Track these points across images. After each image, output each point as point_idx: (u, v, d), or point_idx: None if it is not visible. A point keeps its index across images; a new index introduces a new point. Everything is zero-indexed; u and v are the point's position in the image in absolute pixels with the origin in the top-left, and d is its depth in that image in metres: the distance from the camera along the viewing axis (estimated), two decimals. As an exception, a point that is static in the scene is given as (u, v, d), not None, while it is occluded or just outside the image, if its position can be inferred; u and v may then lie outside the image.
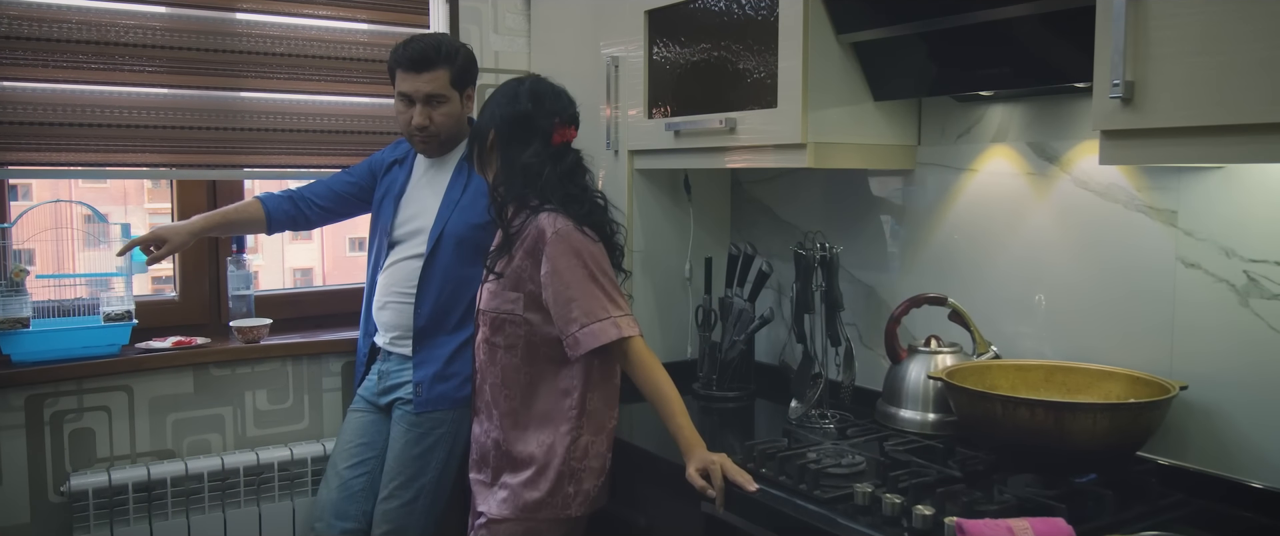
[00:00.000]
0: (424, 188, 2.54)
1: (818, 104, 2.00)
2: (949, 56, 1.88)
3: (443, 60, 2.41)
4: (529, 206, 1.92)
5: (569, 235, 1.88)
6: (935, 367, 1.96)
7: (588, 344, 1.84)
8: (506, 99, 1.97)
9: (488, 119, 1.98)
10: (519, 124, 1.94)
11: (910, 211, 2.23)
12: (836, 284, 2.17)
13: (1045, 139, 1.95)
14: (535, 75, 2.05)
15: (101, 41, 2.46)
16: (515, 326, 1.94)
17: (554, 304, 1.86)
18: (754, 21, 2.10)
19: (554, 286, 1.86)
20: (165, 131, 2.57)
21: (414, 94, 2.40)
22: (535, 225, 1.89)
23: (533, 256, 1.89)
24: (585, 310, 1.85)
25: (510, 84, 2.02)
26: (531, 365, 1.95)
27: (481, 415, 2.03)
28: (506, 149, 1.95)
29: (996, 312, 2.04)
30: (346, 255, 12.84)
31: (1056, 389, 1.84)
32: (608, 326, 1.84)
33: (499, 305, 1.95)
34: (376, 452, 2.51)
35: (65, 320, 2.47)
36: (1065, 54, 1.68)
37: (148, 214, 11.01)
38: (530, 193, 1.92)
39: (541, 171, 1.92)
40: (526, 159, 1.92)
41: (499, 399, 1.97)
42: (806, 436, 2.00)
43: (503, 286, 1.94)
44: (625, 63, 2.50)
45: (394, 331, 2.50)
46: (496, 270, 1.94)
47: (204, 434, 2.57)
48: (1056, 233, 1.94)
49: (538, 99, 1.96)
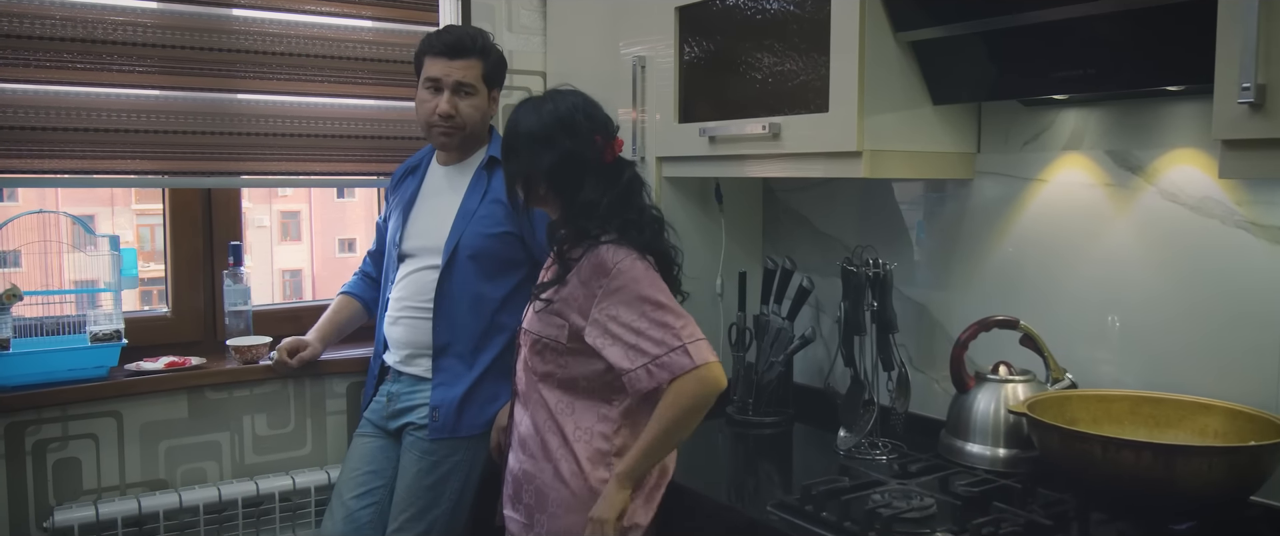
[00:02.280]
0: (436, 197, 2.37)
1: (873, 108, 1.84)
2: (1022, 57, 1.71)
3: (478, 51, 2.29)
4: (589, 236, 1.75)
5: (632, 263, 1.71)
6: (1007, 397, 1.80)
7: (658, 378, 1.66)
8: (540, 144, 1.75)
9: (528, 169, 1.78)
10: (568, 163, 1.75)
11: (967, 224, 2.06)
12: (890, 303, 2.00)
13: (1127, 147, 1.78)
14: (553, 93, 1.83)
15: (89, 39, 2.27)
16: (558, 355, 1.77)
17: (621, 341, 1.68)
18: (801, 18, 1.93)
19: (620, 323, 1.68)
20: (157, 136, 2.39)
21: (444, 79, 2.26)
22: (596, 255, 1.72)
23: (588, 288, 1.72)
24: (658, 339, 1.67)
25: (528, 123, 1.78)
26: (574, 396, 1.79)
27: (517, 447, 1.86)
28: (563, 192, 1.77)
29: (1068, 336, 1.87)
30: (336, 256, 12.70)
31: (1143, 422, 1.68)
32: (675, 357, 1.66)
33: (543, 329, 1.78)
34: (385, 481, 2.34)
35: (49, 340, 2.29)
36: (1165, 54, 1.52)
37: (135, 215, 10.79)
38: (590, 225, 1.75)
39: (601, 202, 1.75)
40: (586, 196, 1.75)
41: (539, 430, 1.80)
42: (864, 472, 1.83)
43: (551, 312, 1.77)
44: (653, 63, 2.33)
45: (406, 349, 2.33)
46: (546, 298, 1.77)
47: (199, 462, 2.38)
48: (1139, 249, 1.77)
49: (572, 129, 1.76)
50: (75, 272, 2.37)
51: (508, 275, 2.31)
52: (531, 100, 1.83)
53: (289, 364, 2.38)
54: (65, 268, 2.37)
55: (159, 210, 2.60)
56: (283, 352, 2.38)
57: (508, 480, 1.90)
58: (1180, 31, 1.45)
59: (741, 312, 2.37)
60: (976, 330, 1.84)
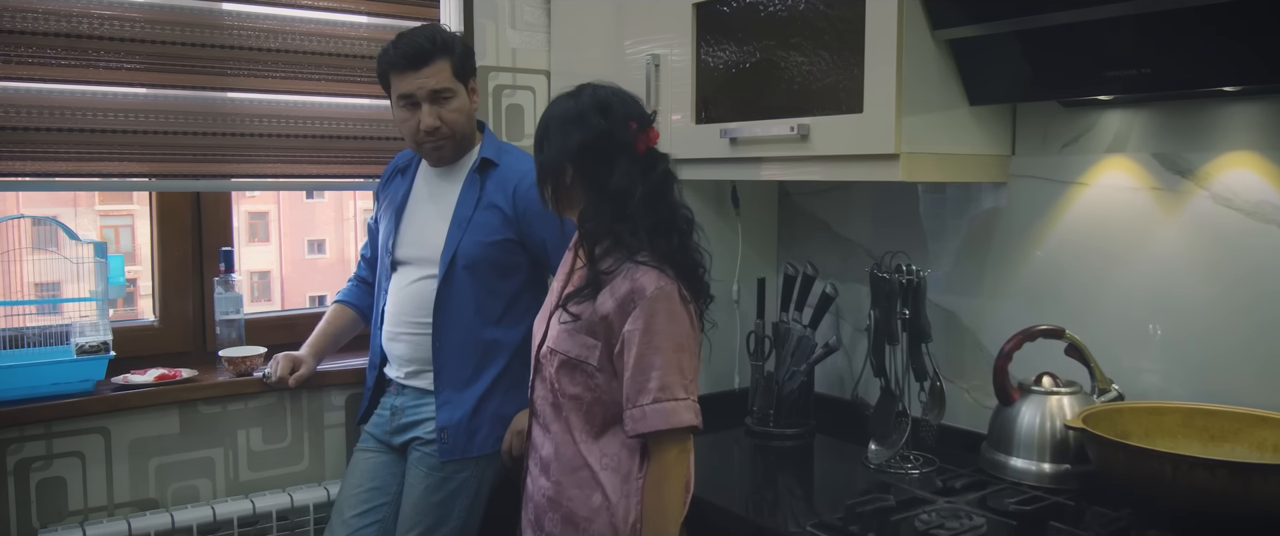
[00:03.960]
0: (429, 202, 2.26)
1: (911, 109, 1.76)
2: (1070, 56, 1.64)
3: (441, 50, 2.13)
4: (623, 247, 1.64)
5: (671, 297, 1.60)
6: (1052, 410, 1.73)
7: (655, 422, 1.58)
8: (572, 123, 1.66)
9: (557, 153, 1.67)
10: (598, 146, 1.65)
11: (1001, 229, 1.99)
12: (924, 312, 1.93)
13: (1176, 150, 1.72)
14: (585, 85, 1.74)
15: (72, 34, 2.15)
16: (589, 376, 1.66)
17: (633, 366, 1.59)
18: (831, 16, 1.86)
19: (640, 346, 1.58)
20: (144, 137, 2.26)
21: (418, 93, 2.12)
22: (634, 278, 1.60)
23: (623, 309, 1.61)
24: (663, 384, 1.58)
25: (563, 106, 1.70)
26: (603, 420, 1.68)
27: (537, 471, 1.75)
28: (592, 178, 1.66)
29: (1111, 345, 1.81)
30: (305, 257, 12.49)
31: (1197, 434, 1.62)
32: (681, 409, 1.58)
33: (571, 348, 1.66)
34: (389, 498, 2.23)
35: (31, 353, 2.16)
36: (1224, 53, 1.46)
37: (99, 216, 10.57)
38: (621, 226, 1.63)
39: (634, 192, 1.64)
40: (616, 183, 1.64)
41: (563, 455, 1.70)
42: (907, 489, 1.75)
43: (578, 328, 1.65)
44: (668, 62, 2.24)
45: (410, 365, 2.22)
46: (573, 312, 1.66)
47: (192, 479, 2.26)
48: (1189, 256, 1.71)
49: (606, 110, 1.66)
50: (38, 277, 2.23)
51: (508, 281, 2.21)
52: (562, 96, 1.74)
53: (286, 381, 2.27)
54: (26, 273, 2.24)
55: (127, 211, 2.48)
56: (283, 370, 2.27)
57: (528, 505, 1.78)
58: (1241, 30, 1.39)
59: (760, 320, 2.29)
60: (1021, 340, 1.77)
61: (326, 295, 9.38)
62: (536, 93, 2.70)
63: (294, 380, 2.27)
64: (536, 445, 1.76)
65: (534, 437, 1.77)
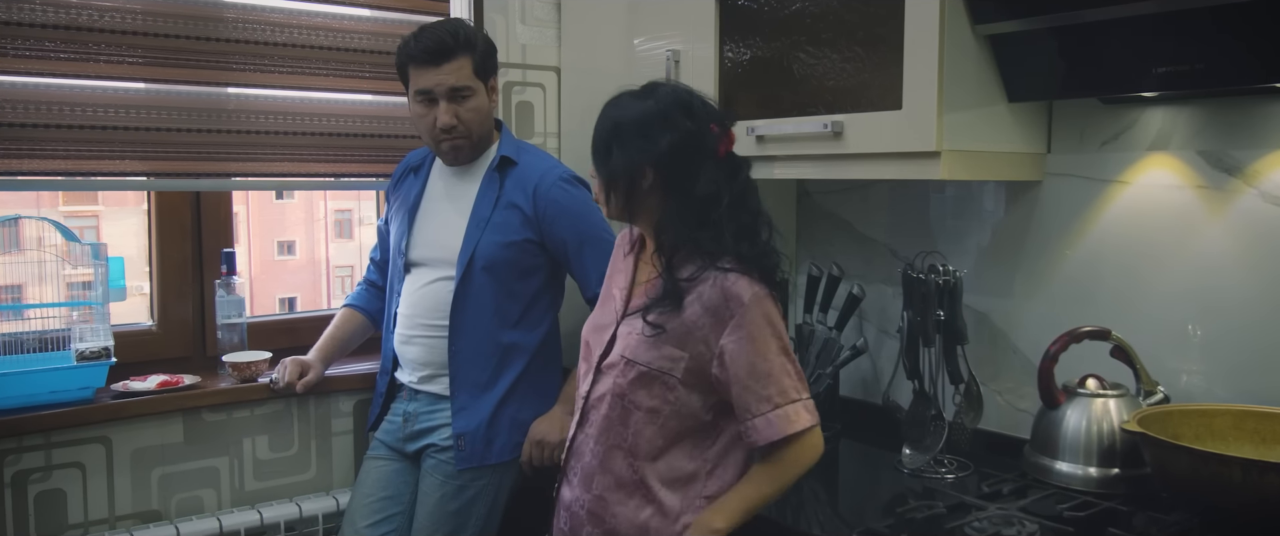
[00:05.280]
0: (444, 201, 2.20)
1: (952, 106, 1.72)
2: (1117, 51, 1.60)
3: (462, 47, 2.07)
4: (703, 253, 1.56)
5: (764, 300, 1.54)
6: (1098, 413, 1.70)
7: (781, 429, 1.51)
8: (654, 124, 1.56)
9: (637, 156, 1.56)
10: (686, 148, 1.56)
11: (1036, 228, 1.96)
12: (960, 314, 1.89)
13: (1223, 147, 1.69)
14: (656, 84, 1.64)
15: (72, 26, 2.06)
16: (669, 389, 1.58)
17: (746, 376, 1.52)
18: (864, 9, 1.81)
19: (749, 355, 1.52)
20: (143, 134, 2.18)
21: (436, 89, 2.06)
22: (723, 286, 1.53)
23: (717, 317, 1.53)
24: (780, 389, 1.52)
25: (638, 106, 1.59)
26: (672, 433, 1.60)
27: (579, 480, 1.67)
28: (674, 183, 1.57)
29: (1153, 346, 1.77)
30: (275, 259, 12.32)
31: (1248, 437, 1.59)
32: (801, 410, 1.53)
33: (654, 360, 1.58)
34: (403, 507, 2.17)
35: (29, 359, 2.07)
36: (1278, 49, 1.43)
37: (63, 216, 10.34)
38: (704, 233, 1.56)
39: (721, 199, 1.56)
40: (702, 188, 1.56)
41: (614, 467, 1.61)
42: (951, 494, 1.71)
43: (663, 340, 1.57)
44: (687, 58, 2.19)
45: (424, 370, 2.16)
46: (656, 322, 1.57)
47: (196, 490, 2.18)
48: (1236, 255, 1.68)
49: (689, 110, 1.57)
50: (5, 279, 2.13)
51: (526, 283, 2.15)
52: (626, 94, 1.64)
53: (294, 386, 2.19)
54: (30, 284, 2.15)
55: (92, 211, 2.39)
56: (292, 374, 2.20)
57: (562, 514, 1.70)
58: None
59: (783, 322, 2.24)
60: (1067, 341, 1.73)
61: (297, 297, 9.23)
62: (546, 89, 2.63)
63: (302, 385, 2.19)
64: (578, 452, 1.68)
65: (577, 444, 1.69)
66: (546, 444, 2.10)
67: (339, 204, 11.52)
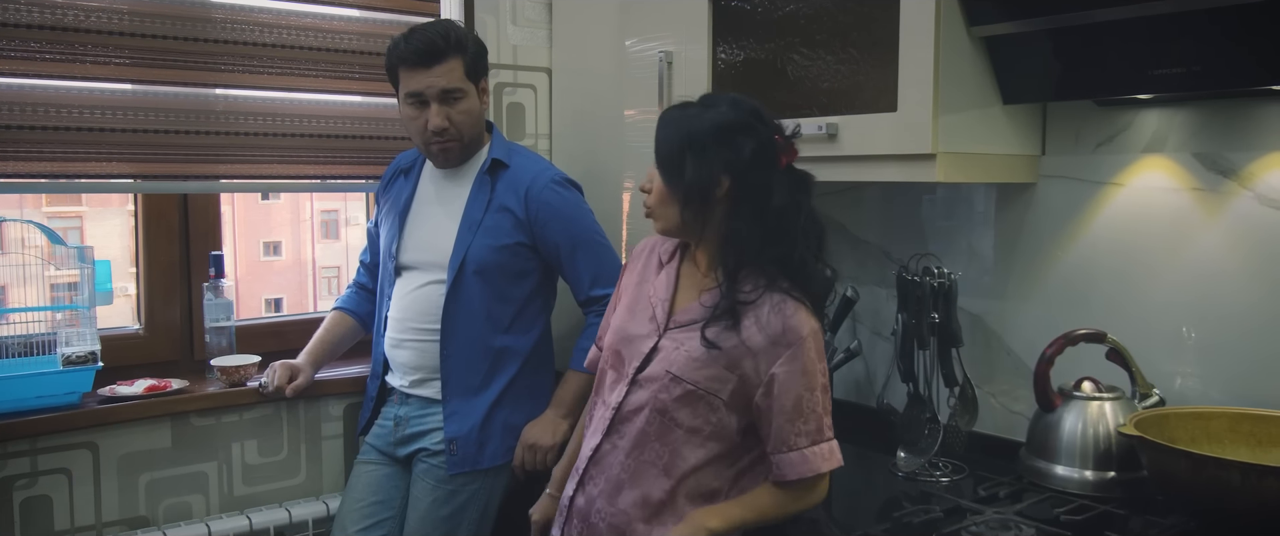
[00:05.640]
0: (436, 204, 2.18)
1: (948, 107, 1.71)
2: (1114, 53, 1.60)
3: (453, 48, 2.05)
4: (764, 273, 1.52)
5: (818, 335, 1.51)
6: (1094, 416, 1.69)
7: (817, 466, 1.49)
8: (736, 132, 1.50)
9: (718, 165, 1.49)
10: (764, 157, 1.50)
11: (1030, 230, 1.95)
12: (955, 316, 1.88)
13: (1218, 149, 1.69)
14: (718, 94, 1.58)
15: (58, 26, 2.04)
16: (711, 409, 1.53)
17: (791, 409, 1.48)
18: (859, 10, 1.81)
19: (799, 389, 1.48)
20: (130, 135, 2.15)
21: (427, 92, 2.04)
22: (784, 314, 1.49)
23: (774, 347, 1.49)
24: (819, 426, 1.50)
25: (712, 115, 1.52)
26: (707, 453, 1.55)
27: (595, 490, 1.61)
28: (750, 195, 1.51)
29: (1147, 349, 1.77)
30: (260, 259, 12.26)
31: (1244, 440, 1.59)
32: (835, 449, 1.52)
33: (702, 379, 1.52)
34: (394, 512, 2.15)
35: (13, 364, 2.04)
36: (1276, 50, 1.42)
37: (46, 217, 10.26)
38: (774, 249, 1.51)
39: (799, 210, 1.52)
40: (778, 200, 1.50)
41: (640, 479, 1.56)
42: (947, 498, 1.70)
43: (715, 358, 1.51)
44: (681, 59, 2.18)
45: (415, 374, 2.14)
46: (714, 340, 1.51)
47: (184, 495, 2.16)
48: (1232, 258, 1.68)
49: (761, 117, 1.53)
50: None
51: (518, 287, 2.14)
52: (687, 106, 1.57)
53: (283, 390, 2.17)
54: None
55: (76, 212, 2.36)
56: (281, 379, 2.17)
57: (574, 521, 1.64)
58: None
59: (776, 324, 2.23)
60: (1063, 344, 1.73)
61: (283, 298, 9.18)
62: (537, 91, 2.62)
63: (292, 390, 2.17)
64: (604, 462, 1.61)
65: (602, 454, 1.61)
66: (539, 448, 2.09)
67: (325, 204, 11.47)
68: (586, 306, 2.15)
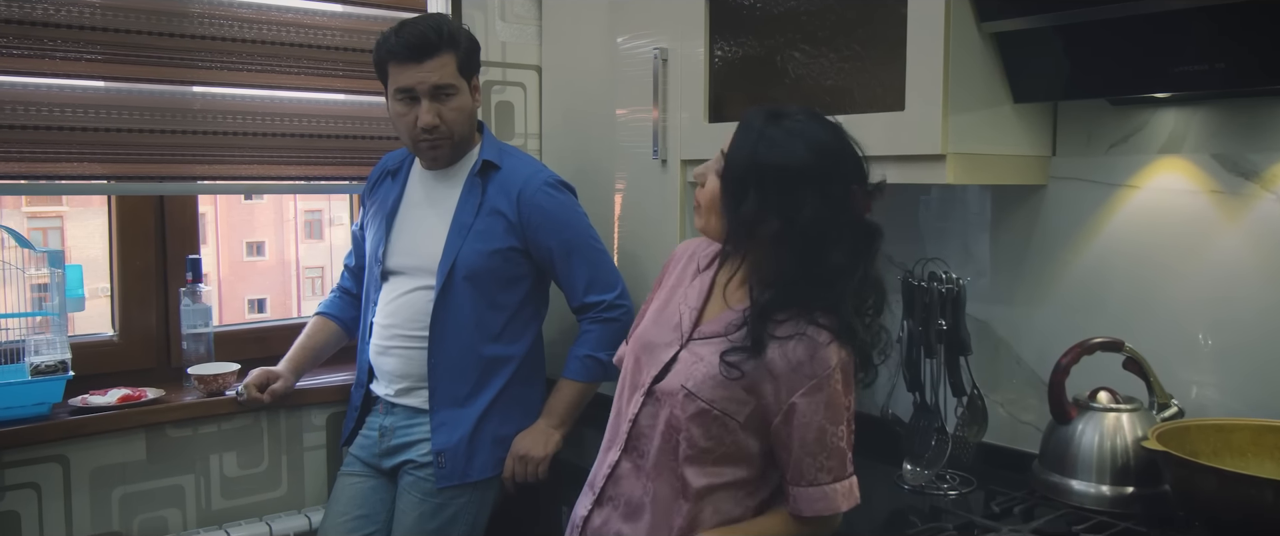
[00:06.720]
0: (424, 207, 2.11)
1: (957, 107, 1.64)
2: (1132, 49, 1.53)
3: (446, 43, 1.98)
4: (807, 313, 1.41)
5: (848, 367, 1.41)
6: (1111, 428, 1.63)
7: (834, 504, 1.41)
8: (802, 182, 1.37)
9: (772, 212, 1.37)
10: (827, 215, 1.37)
11: (1039, 234, 1.89)
12: (964, 324, 1.81)
13: (1239, 150, 1.62)
14: (807, 119, 1.43)
15: (26, 21, 1.95)
16: (726, 431, 1.44)
17: (813, 441, 1.40)
18: (864, 7, 1.74)
19: (822, 421, 1.39)
20: (104, 135, 2.07)
21: (418, 87, 1.96)
22: (814, 345, 1.38)
23: (796, 374, 1.39)
24: (841, 463, 1.42)
25: (785, 143, 1.39)
26: (716, 478, 1.46)
27: (612, 508, 1.53)
28: (802, 246, 1.38)
29: (1165, 357, 1.70)
30: (243, 260, 12.14)
31: (1268, 453, 1.53)
32: (855, 487, 1.44)
33: (719, 400, 1.43)
34: (379, 525, 2.08)
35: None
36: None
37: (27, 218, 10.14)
38: (823, 300, 1.40)
39: (852, 273, 1.39)
40: (837, 258, 1.38)
41: (660, 503, 1.48)
42: (959, 514, 1.64)
43: (733, 379, 1.42)
44: (676, 57, 2.10)
45: (402, 382, 2.06)
46: (737, 365, 1.41)
47: (160, 510, 2.08)
48: (1253, 262, 1.61)
49: (839, 165, 1.39)
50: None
51: (510, 293, 2.06)
52: (775, 117, 1.42)
53: (260, 399, 2.09)
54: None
55: (56, 212, 2.27)
56: (251, 387, 2.08)
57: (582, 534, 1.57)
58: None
59: (775, 331, 2.16)
60: (1079, 353, 1.66)
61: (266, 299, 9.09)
62: (527, 89, 2.54)
63: (270, 393, 2.09)
64: (622, 480, 1.53)
65: (619, 471, 1.53)
66: (531, 459, 2.01)
67: (309, 204, 11.36)
68: (580, 313, 2.07)
